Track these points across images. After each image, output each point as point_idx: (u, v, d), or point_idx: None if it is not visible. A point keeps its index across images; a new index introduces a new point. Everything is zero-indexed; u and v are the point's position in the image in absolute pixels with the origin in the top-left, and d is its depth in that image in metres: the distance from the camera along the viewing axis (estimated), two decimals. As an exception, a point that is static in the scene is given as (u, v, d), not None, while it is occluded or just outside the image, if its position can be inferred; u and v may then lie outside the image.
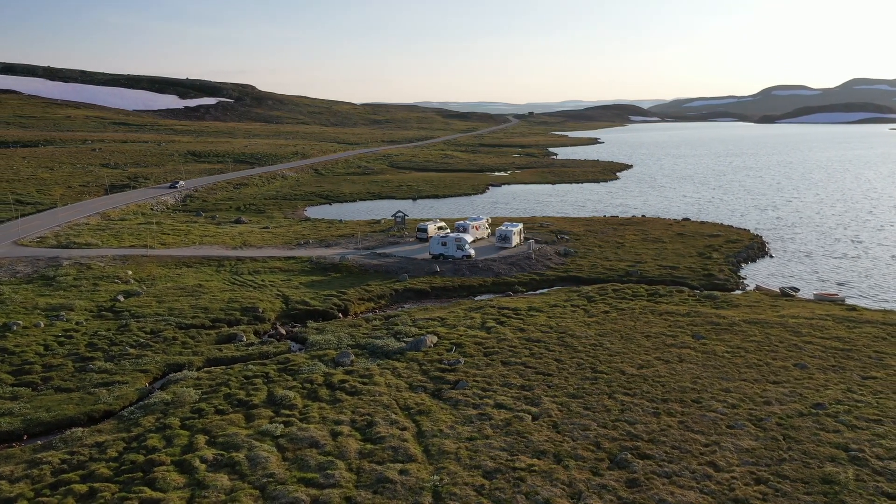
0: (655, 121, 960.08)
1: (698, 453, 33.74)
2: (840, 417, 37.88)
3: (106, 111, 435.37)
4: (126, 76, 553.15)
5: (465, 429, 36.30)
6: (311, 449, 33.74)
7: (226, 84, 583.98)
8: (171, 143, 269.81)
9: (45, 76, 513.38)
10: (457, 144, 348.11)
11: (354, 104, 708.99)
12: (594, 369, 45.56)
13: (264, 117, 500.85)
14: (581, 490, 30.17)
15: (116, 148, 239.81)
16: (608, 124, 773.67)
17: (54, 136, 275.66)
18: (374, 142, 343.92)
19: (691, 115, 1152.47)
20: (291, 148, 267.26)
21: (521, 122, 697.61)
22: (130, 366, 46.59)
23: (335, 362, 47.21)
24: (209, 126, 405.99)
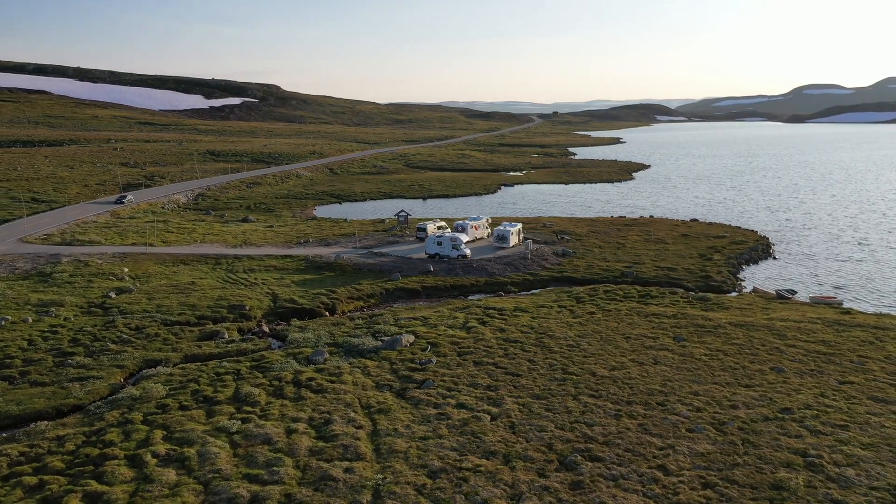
0: (682, 120, 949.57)
1: (651, 456, 33.38)
2: (805, 423, 37.20)
3: (132, 111, 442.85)
4: (153, 77, 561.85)
5: (421, 428, 36.32)
6: (263, 446, 34.03)
7: (251, 84, 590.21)
8: (192, 143, 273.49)
9: (75, 77, 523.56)
10: (476, 144, 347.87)
11: (378, 104, 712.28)
12: (565, 370, 45.27)
13: (287, 117, 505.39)
14: (522, 491, 30.02)
15: (138, 147, 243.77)
16: (633, 124, 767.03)
17: (79, 136, 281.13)
18: (393, 141, 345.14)
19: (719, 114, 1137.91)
20: (309, 147, 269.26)
21: (545, 122, 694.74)
22: (108, 361, 47.36)
23: (309, 360, 47.54)
24: (232, 126, 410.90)
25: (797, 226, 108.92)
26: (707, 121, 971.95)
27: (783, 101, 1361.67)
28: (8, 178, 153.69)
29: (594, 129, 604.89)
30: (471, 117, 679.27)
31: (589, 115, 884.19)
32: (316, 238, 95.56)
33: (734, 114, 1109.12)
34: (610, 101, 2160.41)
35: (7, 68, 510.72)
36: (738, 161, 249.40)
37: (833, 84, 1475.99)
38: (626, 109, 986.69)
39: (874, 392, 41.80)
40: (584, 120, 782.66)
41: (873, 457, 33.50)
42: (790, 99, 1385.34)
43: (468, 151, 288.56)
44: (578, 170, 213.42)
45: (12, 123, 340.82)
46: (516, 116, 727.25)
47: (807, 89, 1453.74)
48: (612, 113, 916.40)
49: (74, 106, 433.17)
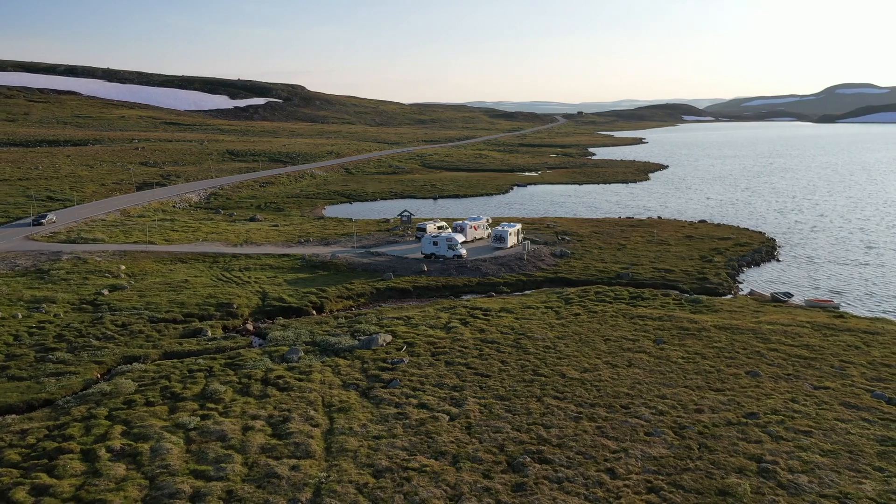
0: (709, 120, 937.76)
1: (602, 460, 33.09)
2: (769, 428, 36.57)
3: (159, 111, 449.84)
4: (180, 77, 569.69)
5: (377, 427, 36.43)
6: (216, 442, 34.41)
7: (276, 84, 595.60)
8: (213, 143, 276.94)
9: (104, 78, 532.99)
10: (496, 144, 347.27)
11: (402, 104, 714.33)
12: (535, 372, 45.05)
13: (311, 117, 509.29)
14: (463, 492, 29.97)
15: (159, 147, 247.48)
16: (659, 124, 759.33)
17: (104, 136, 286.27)
18: (413, 141, 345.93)
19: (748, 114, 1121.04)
20: (327, 147, 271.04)
21: (569, 122, 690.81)
22: (88, 357, 48.22)
23: (283, 358, 47.93)
24: (255, 126, 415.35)
25: (806, 228, 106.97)
26: (735, 121, 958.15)
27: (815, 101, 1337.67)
28: (28, 177, 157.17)
29: (618, 130, 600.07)
30: (494, 117, 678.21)
31: (615, 114, 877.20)
32: (317, 237, 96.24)
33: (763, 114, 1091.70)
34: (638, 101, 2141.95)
35: (39, 69, 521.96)
36: (759, 162, 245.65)
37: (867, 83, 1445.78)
38: (652, 109, 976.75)
39: (847, 398, 40.97)
40: (608, 120, 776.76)
41: (831, 464, 32.85)
42: (822, 98, 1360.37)
43: (486, 151, 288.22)
44: (594, 170, 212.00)
45: (41, 123, 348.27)
46: (540, 116, 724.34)
47: (839, 88, 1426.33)
48: (638, 113, 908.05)
49: (102, 106, 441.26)
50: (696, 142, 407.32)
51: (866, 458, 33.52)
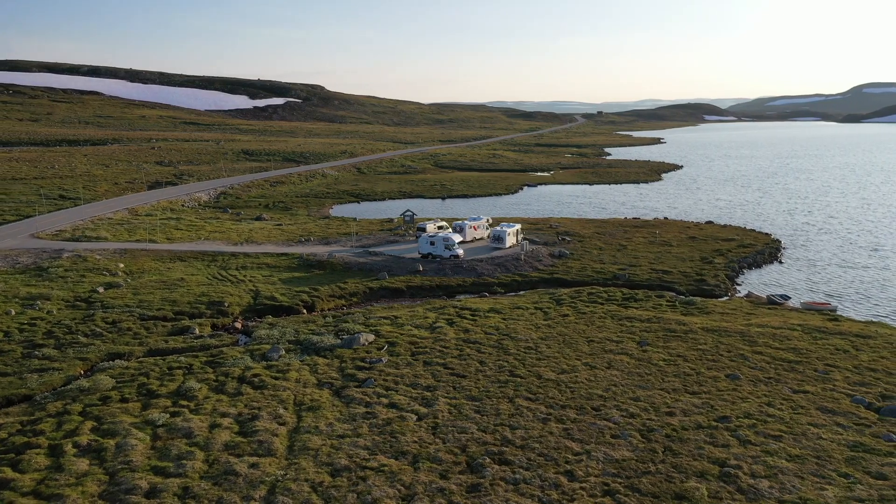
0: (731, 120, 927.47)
1: (563, 462, 32.91)
2: (739, 432, 36.13)
3: (179, 111, 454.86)
4: (201, 77, 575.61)
5: (343, 426, 36.56)
6: (182, 439, 34.75)
7: (295, 84, 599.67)
8: (229, 143, 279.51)
9: (126, 78, 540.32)
10: (512, 144, 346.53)
11: (421, 104, 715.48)
12: (512, 373, 44.92)
13: (329, 117, 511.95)
14: (417, 492, 29.98)
15: (176, 146, 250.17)
16: (679, 124, 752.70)
17: (123, 135, 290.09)
18: (429, 141, 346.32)
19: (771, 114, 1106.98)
20: (342, 147, 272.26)
21: (588, 122, 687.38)
22: (73, 354, 48.91)
23: (264, 357, 48.26)
24: (273, 125, 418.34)
25: (813, 230, 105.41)
26: (758, 121, 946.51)
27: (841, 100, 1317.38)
28: (44, 176, 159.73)
29: (638, 130, 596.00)
30: (512, 117, 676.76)
31: (635, 114, 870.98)
32: (319, 237, 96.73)
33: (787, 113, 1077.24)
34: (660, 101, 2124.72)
35: (63, 70, 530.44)
36: (775, 162, 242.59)
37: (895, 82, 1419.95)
38: (673, 109, 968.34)
39: (825, 402, 40.35)
40: (628, 120, 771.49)
41: (796, 469, 32.39)
42: (848, 98, 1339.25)
43: (501, 151, 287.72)
44: (607, 170, 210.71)
45: (63, 123, 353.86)
46: (559, 116, 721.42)
47: (866, 87, 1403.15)
48: (659, 113, 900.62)
49: (124, 106, 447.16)
50: (714, 142, 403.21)
51: (834, 463, 33.00)
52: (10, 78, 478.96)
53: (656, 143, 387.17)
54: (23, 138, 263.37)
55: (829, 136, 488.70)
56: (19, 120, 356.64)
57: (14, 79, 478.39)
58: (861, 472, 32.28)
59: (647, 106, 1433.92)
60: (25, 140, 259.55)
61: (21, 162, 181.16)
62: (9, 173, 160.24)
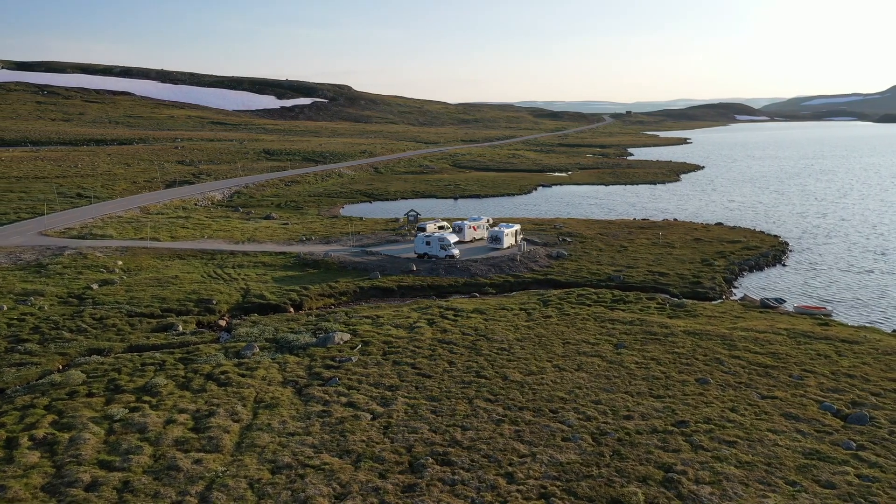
0: (763, 120, 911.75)
1: (506, 464, 32.76)
2: (693, 437, 35.60)
3: (207, 111, 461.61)
4: (230, 78, 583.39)
5: (296, 424, 36.85)
6: (135, 434, 35.34)
7: (322, 85, 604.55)
8: (253, 142, 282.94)
9: (157, 79, 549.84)
10: (534, 144, 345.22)
11: (447, 104, 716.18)
12: (479, 374, 44.80)
13: (355, 117, 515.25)
14: (351, 491, 30.10)
15: (199, 146, 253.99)
16: (709, 124, 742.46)
17: (149, 135, 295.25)
18: (452, 141, 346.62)
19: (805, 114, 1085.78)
20: (362, 147, 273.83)
21: (615, 122, 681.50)
22: (55, 349, 50.02)
23: (237, 354, 48.80)
24: (299, 125, 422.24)
25: (823, 233, 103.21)
26: (791, 121, 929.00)
27: (879, 100, 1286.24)
28: (66, 175, 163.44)
29: (666, 129, 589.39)
30: (539, 117, 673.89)
31: (665, 114, 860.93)
32: (321, 236, 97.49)
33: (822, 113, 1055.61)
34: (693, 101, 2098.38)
35: (96, 71, 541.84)
36: (799, 163, 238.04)
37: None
38: (704, 109, 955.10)
39: (792, 409, 39.55)
40: (657, 119, 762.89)
41: (742, 476, 31.81)
42: (887, 97, 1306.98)
43: (522, 151, 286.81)
44: (626, 171, 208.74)
45: (94, 123, 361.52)
46: (586, 116, 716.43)
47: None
48: (689, 112, 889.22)
49: (154, 106, 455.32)
50: (741, 142, 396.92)
51: (784, 471, 32.34)
52: (45, 79, 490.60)
53: (682, 144, 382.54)
54: (52, 138, 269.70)
55: (862, 136, 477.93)
56: (52, 120, 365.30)
57: (49, 80, 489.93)
58: (809, 480, 31.60)
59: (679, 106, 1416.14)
60: (55, 140, 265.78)
61: (46, 161, 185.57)
62: (32, 172, 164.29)
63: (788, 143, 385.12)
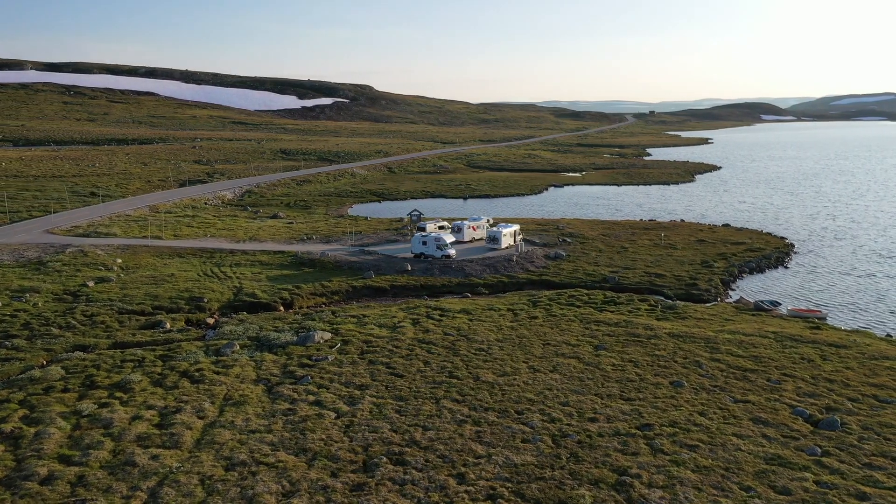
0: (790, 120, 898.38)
1: (461, 464, 32.72)
2: (655, 440, 35.24)
3: (229, 111, 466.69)
4: (252, 78, 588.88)
5: (259, 422, 37.13)
6: (99, 429, 35.88)
7: (344, 85, 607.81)
8: (271, 142, 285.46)
9: (181, 79, 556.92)
10: (552, 144, 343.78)
11: (469, 104, 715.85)
12: (451, 374, 44.78)
13: (375, 117, 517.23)
14: (299, 489, 30.26)
15: (216, 146, 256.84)
16: (734, 124, 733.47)
17: (169, 135, 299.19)
18: (469, 141, 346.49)
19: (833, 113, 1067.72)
20: (378, 146, 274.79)
21: (638, 122, 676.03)
22: (41, 345, 50.92)
23: (217, 352, 49.28)
24: (319, 125, 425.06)
25: (830, 234, 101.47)
26: (819, 120, 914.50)
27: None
28: (82, 174, 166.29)
29: (689, 129, 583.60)
30: (560, 117, 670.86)
31: (688, 114, 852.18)
32: (323, 235, 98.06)
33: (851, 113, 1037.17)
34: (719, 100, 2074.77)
35: (122, 72, 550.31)
36: (818, 163, 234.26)
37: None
38: (729, 109, 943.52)
39: (763, 413, 38.99)
40: (681, 119, 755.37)
41: (698, 480, 31.43)
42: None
43: (538, 151, 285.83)
44: (641, 171, 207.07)
45: (118, 123, 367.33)
46: (608, 116, 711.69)
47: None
48: (714, 112, 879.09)
49: (177, 107, 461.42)
50: (763, 142, 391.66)
51: (741, 476, 31.90)
52: (72, 79, 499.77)
53: (703, 144, 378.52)
54: (75, 137, 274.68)
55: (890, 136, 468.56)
56: (77, 120, 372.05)
57: (76, 80, 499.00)
58: (766, 486, 31.13)
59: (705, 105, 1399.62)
60: (78, 139, 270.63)
61: (64, 160, 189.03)
62: (50, 171, 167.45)
63: (811, 143, 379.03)
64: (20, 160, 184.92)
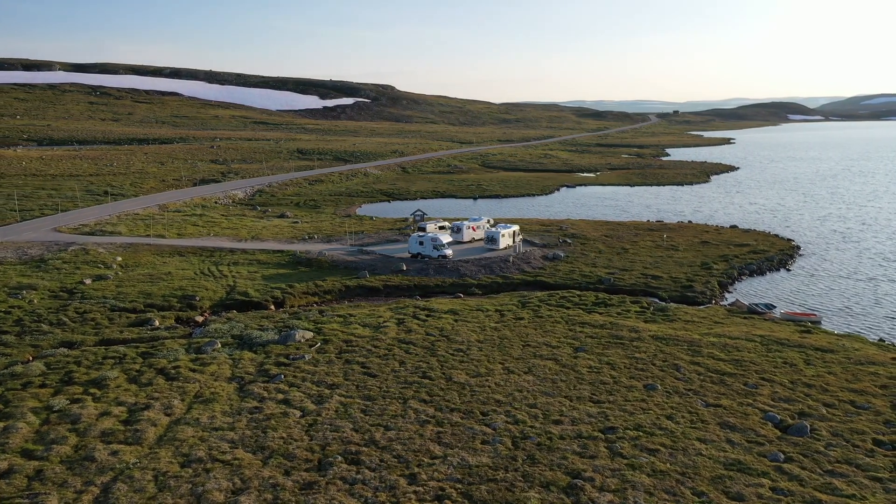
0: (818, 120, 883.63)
1: (415, 465, 32.76)
2: (616, 444, 34.98)
3: (251, 111, 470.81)
4: (275, 78, 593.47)
5: (224, 420, 37.51)
6: (66, 425, 36.51)
7: (365, 85, 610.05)
8: (289, 142, 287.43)
9: (205, 79, 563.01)
10: (571, 144, 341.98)
11: (491, 103, 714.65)
12: (424, 374, 44.84)
13: (395, 116, 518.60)
14: (249, 487, 30.52)
15: (234, 145, 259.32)
16: (760, 124, 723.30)
17: (191, 135, 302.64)
18: (487, 141, 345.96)
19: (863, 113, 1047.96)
20: (395, 146, 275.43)
21: (661, 122, 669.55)
22: (30, 341, 51.91)
23: (198, 350, 49.85)
24: (339, 125, 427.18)
25: (838, 237, 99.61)
26: (848, 120, 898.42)
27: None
28: (99, 173, 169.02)
29: (713, 129, 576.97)
30: (582, 117, 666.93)
31: (713, 113, 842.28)
32: (326, 234, 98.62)
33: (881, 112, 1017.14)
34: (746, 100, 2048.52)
35: (147, 72, 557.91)
36: (839, 164, 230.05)
37: None
38: (755, 108, 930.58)
39: (732, 418, 38.49)
40: (705, 119, 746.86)
41: (651, 485, 31.14)
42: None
43: (555, 152, 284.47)
44: (656, 171, 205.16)
45: (141, 123, 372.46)
46: (630, 116, 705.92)
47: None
48: (739, 112, 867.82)
49: (200, 107, 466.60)
50: (786, 143, 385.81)
51: (696, 481, 31.54)
52: (99, 80, 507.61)
53: (724, 144, 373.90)
54: (98, 137, 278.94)
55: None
56: (101, 120, 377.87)
57: (103, 81, 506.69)
58: (719, 491, 30.75)
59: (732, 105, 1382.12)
60: (100, 139, 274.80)
61: (83, 159, 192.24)
62: (69, 170, 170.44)
63: (836, 143, 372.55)
64: (40, 159, 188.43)
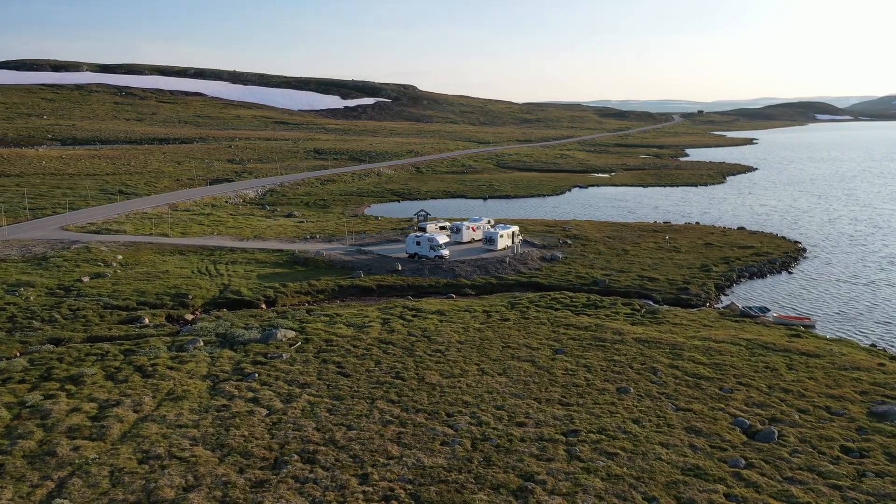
0: (846, 120, 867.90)
1: (370, 465, 32.87)
2: (575, 447, 34.75)
3: (273, 111, 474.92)
4: (297, 78, 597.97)
5: (190, 417, 37.94)
6: (36, 420, 37.20)
7: (387, 85, 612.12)
8: (307, 142, 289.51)
9: (228, 80, 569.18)
10: (589, 144, 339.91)
11: (512, 103, 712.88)
12: (398, 375, 44.94)
13: (416, 116, 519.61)
14: (201, 484, 30.85)
15: (252, 145, 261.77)
16: (786, 123, 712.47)
17: (211, 134, 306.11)
18: (506, 141, 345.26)
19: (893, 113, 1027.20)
20: (411, 146, 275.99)
21: (684, 122, 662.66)
22: (20, 337, 52.97)
23: (180, 348, 50.47)
24: (359, 125, 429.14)
25: (846, 240, 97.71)
26: (877, 120, 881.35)
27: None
28: (116, 172, 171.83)
29: (737, 129, 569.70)
30: (604, 117, 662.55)
31: (739, 113, 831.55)
32: (327, 234, 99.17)
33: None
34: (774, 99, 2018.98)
35: (171, 73, 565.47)
36: (860, 165, 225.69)
37: None
38: (782, 108, 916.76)
39: (700, 423, 38.04)
40: (730, 119, 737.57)
41: (603, 489, 30.91)
42: None
43: (572, 152, 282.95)
44: (672, 172, 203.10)
45: (164, 123, 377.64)
46: (653, 116, 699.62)
47: None
48: (765, 112, 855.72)
49: (223, 107, 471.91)
50: (809, 143, 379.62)
51: (649, 486, 31.24)
52: (124, 80, 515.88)
53: (746, 144, 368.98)
54: (120, 137, 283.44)
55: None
56: (126, 120, 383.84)
57: (128, 81, 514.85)
58: (671, 497, 30.42)
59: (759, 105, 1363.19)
60: (122, 139, 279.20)
61: (102, 159, 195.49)
62: (86, 169, 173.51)
63: (860, 143, 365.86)
64: (60, 159, 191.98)
